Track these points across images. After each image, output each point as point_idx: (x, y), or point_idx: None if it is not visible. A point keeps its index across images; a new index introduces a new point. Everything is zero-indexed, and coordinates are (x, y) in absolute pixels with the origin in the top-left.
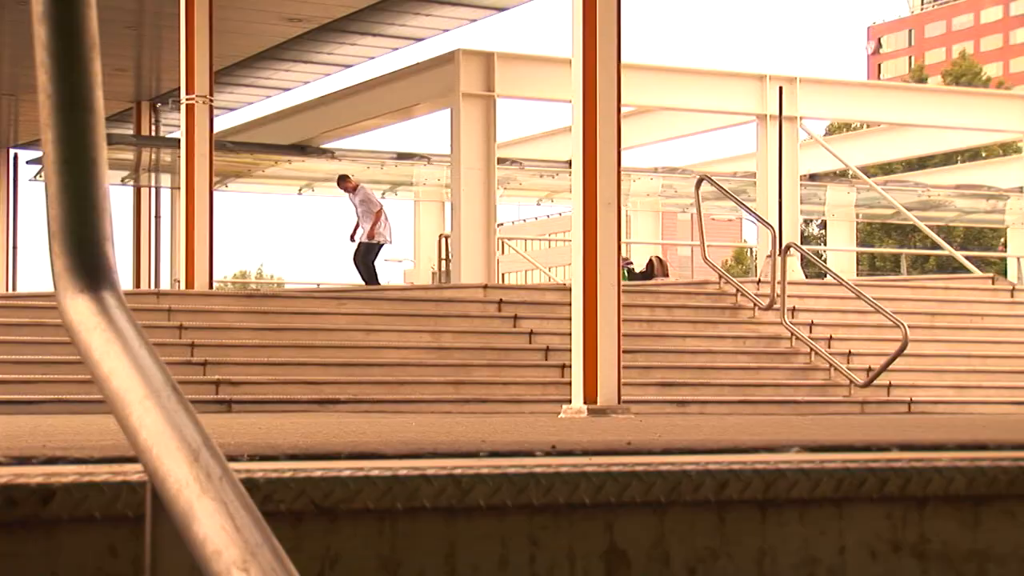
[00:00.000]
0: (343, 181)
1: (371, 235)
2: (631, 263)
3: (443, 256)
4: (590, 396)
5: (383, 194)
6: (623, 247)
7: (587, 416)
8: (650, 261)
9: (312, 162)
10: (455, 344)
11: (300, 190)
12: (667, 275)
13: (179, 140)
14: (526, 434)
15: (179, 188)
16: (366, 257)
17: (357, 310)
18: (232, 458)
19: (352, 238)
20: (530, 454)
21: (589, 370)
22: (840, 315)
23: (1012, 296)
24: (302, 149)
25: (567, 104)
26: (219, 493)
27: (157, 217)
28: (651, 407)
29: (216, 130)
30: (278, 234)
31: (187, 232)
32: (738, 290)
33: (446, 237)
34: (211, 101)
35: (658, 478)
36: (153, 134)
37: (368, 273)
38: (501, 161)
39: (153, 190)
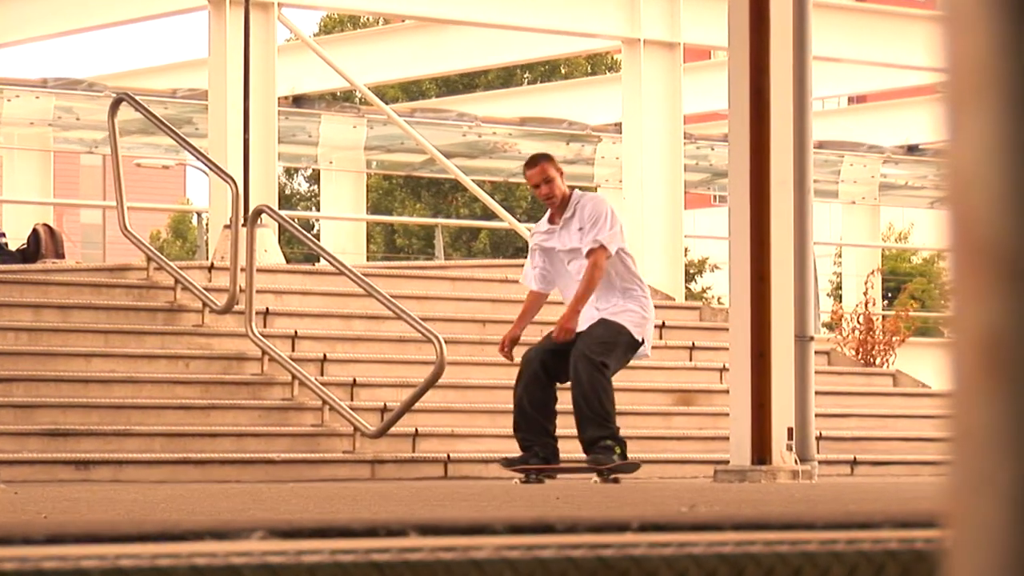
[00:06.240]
0: (539, 169)
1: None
2: (2, 235)
3: None
4: None
5: None
6: None
7: None
8: (34, 232)
9: None
10: None
11: None
12: (62, 255)
13: None
14: None
15: None
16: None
17: None
18: None
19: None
20: None
21: None
22: (341, 323)
23: None
24: None
25: None
26: None
27: None
28: (34, 470)
29: None
30: None
31: None
32: (178, 280)
33: None
34: None
35: None
36: None
37: None
38: None
39: None
